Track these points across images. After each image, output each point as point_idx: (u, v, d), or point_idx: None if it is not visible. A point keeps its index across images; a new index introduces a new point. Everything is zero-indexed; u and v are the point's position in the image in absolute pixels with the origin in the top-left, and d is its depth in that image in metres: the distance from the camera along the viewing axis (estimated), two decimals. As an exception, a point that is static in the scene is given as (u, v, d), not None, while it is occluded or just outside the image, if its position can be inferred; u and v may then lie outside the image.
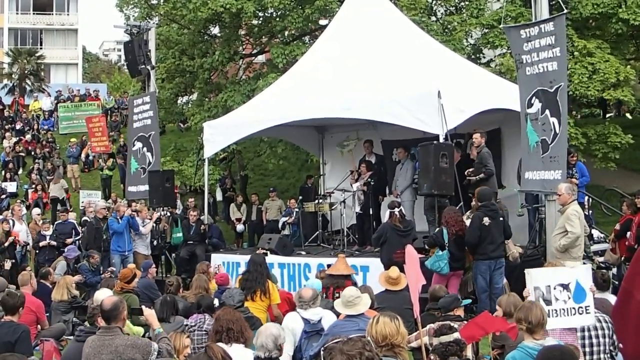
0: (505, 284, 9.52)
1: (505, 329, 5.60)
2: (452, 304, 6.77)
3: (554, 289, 5.72)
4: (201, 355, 4.48)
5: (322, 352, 3.69)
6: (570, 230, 8.87)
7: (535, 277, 5.88)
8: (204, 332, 6.84)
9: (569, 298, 5.68)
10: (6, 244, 13.09)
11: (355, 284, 8.25)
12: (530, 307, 5.13)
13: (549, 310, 5.60)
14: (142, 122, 15.05)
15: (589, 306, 5.70)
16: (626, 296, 4.04)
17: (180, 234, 14.52)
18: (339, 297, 7.33)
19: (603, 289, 7.15)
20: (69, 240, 14.14)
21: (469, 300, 7.76)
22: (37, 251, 14.25)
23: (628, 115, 26.80)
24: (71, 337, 7.37)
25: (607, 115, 25.85)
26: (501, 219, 9.49)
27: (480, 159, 10.93)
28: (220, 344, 5.20)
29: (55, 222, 15.13)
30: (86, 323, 6.89)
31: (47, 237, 14.20)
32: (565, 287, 5.72)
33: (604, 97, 17.21)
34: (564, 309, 5.65)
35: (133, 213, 13.41)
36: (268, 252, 11.44)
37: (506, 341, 5.90)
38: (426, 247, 9.77)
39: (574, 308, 5.65)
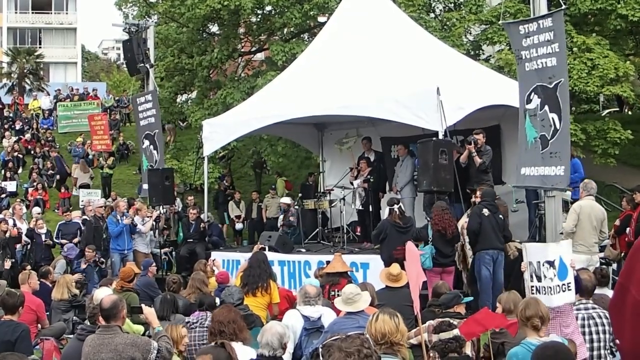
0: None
1: (504, 325, 5.60)
2: (452, 301, 6.75)
3: (542, 265, 5.84)
4: (219, 349, 4.47)
5: (320, 349, 3.68)
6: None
7: (530, 251, 6.07)
8: (205, 329, 6.82)
9: (555, 275, 5.77)
10: (7, 235, 13.04)
11: (350, 282, 8.23)
12: (534, 303, 5.18)
13: (539, 287, 5.77)
14: (147, 120, 15.06)
15: (570, 283, 5.79)
16: (622, 291, 4.03)
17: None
18: (334, 295, 7.33)
19: (602, 285, 7.16)
20: (75, 240, 14.09)
21: (471, 298, 7.75)
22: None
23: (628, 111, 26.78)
24: (71, 336, 7.36)
25: (607, 111, 25.83)
26: (501, 217, 9.55)
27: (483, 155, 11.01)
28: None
29: (59, 223, 15.07)
30: (87, 322, 6.89)
31: (43, 236, 14.16)
32: (551, 264, 5.82)
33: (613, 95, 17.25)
34: (550, 287, 5.75)
35: (133, 224, 13.26)
36: (267, 247, 11.42)
37: (506, 337, 5.90)
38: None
39: (558, 285, 5.75)
